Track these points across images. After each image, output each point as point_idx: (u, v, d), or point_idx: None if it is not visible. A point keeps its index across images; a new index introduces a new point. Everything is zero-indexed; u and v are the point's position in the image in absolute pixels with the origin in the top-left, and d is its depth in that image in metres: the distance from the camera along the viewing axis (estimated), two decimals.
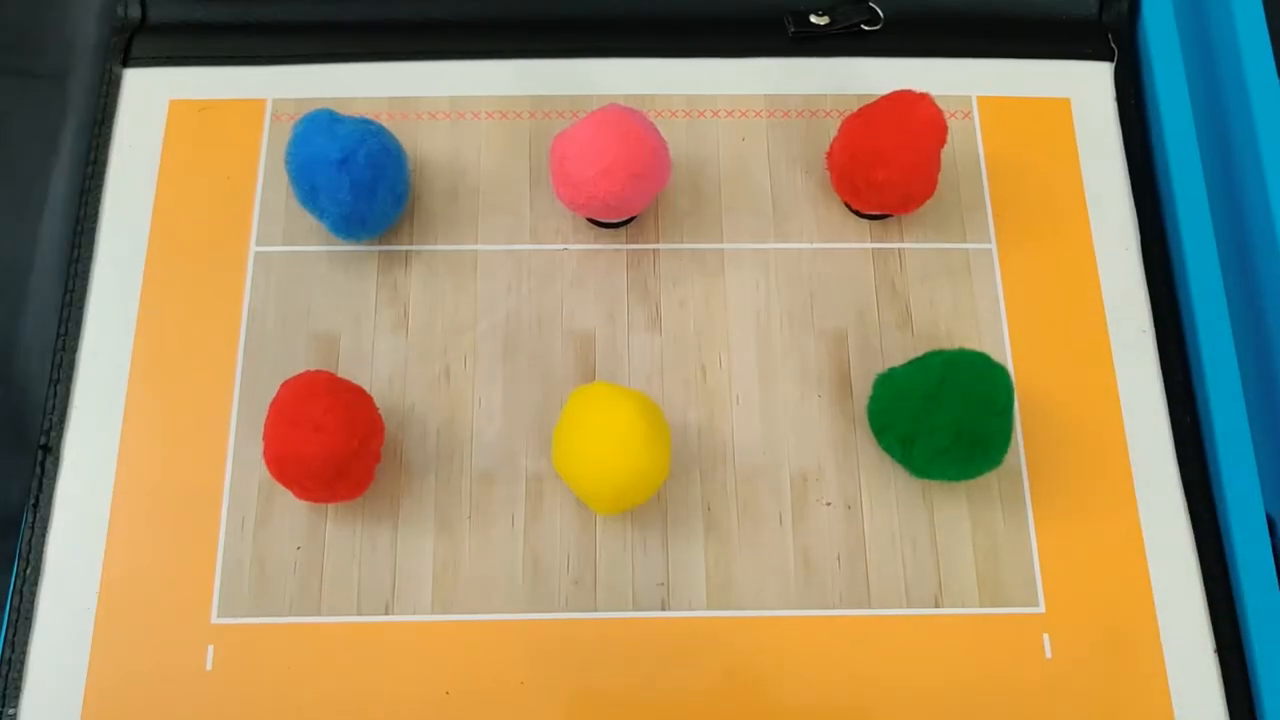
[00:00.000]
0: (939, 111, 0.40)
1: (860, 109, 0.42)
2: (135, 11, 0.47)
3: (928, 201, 0.42)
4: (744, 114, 0.46)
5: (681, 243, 0.44)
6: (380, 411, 0.39)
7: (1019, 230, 0.44)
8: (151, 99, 0.46)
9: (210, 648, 0.38)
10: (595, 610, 0.39)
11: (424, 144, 0.45)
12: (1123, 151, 0.45)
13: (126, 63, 0.46)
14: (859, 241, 0.44)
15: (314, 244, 0.43)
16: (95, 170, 0.44)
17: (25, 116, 0.48)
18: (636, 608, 0.39)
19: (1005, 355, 0.42)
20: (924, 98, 0.40)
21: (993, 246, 0.44)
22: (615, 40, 0.47)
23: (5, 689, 0.38)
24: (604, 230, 0.44)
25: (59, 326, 0.42)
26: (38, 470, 0.40)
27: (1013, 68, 0.47)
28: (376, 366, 0.42)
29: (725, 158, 0.45)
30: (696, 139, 0.45)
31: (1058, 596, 0.39)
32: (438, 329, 0.42)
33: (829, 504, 0.40)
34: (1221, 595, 0.39)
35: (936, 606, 0.39)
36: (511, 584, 0.39)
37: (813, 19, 0.47)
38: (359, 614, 0.39)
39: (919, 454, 0.37)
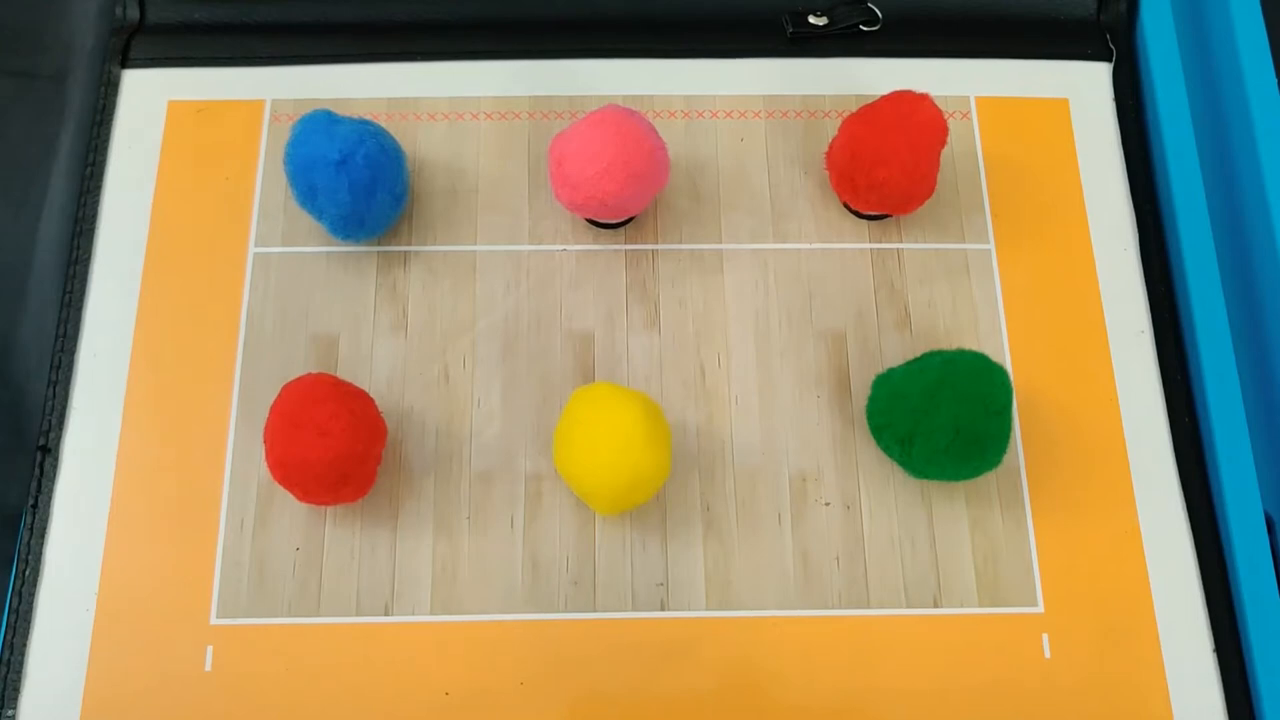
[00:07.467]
0: (939, 113, 0.40)
1: (860, 109, 0.42)
2: (134, 12, 0.47)
3: (927, 202, 0.42)
4: (743, 114, 0.46)
5: (680, 243, 0.44)
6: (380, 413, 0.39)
7: (1018, 231, 0.44)
8: (150, 100, 0.46)
9: (210, 648, 0.38)
10: (595, 610, 0.39)
11: (423, 144, 0.45)
12: (1121, 152, 0.45)
13: (125, 64, 0.46)
14: (858, 242, 0.44)
15: (313, 245, 0.43)
16: (94, 171, 0.44)
17: (25, 117, 0.48)
18: (636, 608, 0.39)
19: (1004, 355, 0.42)
20: (924, 98, 0.41)
21: (991, 247, 0.44)
22: (614, 41, 0.47)
23: (5, 689, 0.38)
24: (603, 231, 0.44)
25: (58, 326, 0.42)
26: (37, 470, 0.40)
27: (1011, 68, 0.47)
28: (375, 367, 0.42)
29: (724, 158, 0.45)
30: (695, 139, 0.45)
31: (1057, 596, 0.39)
32: (437, 329, 0.42)
33: (828, 504, 0.40)
34: (1220, 595, 0.39)
35: (935, 606, 0.39)
36: (511, 584, 0.39)
37: (811, 19, 0.47)
38: (358, 615, 0.39)
39: (917, 454, 0.37)
